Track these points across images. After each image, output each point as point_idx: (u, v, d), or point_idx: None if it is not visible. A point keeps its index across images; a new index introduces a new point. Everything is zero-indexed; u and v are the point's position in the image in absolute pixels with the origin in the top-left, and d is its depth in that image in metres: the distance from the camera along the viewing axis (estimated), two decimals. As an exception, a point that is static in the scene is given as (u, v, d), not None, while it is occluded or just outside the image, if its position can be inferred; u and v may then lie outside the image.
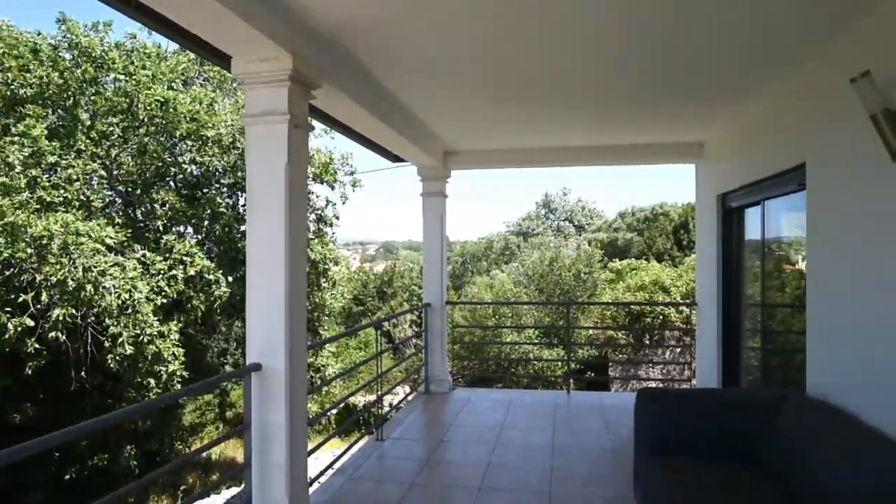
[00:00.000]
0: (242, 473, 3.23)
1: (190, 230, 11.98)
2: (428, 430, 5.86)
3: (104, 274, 8.99)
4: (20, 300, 8.79)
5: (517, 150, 7.05)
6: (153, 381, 9.75)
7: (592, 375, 12.94)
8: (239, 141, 11.34)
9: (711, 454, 3.35)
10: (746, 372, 5.66)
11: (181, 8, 2.58)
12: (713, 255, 6.10)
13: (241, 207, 12.08)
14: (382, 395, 5.72)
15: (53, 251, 8.75)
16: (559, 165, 7.50)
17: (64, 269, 8.67)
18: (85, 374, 10.14)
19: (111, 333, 9.37)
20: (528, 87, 4.43)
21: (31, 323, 8.83)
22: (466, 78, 4.25)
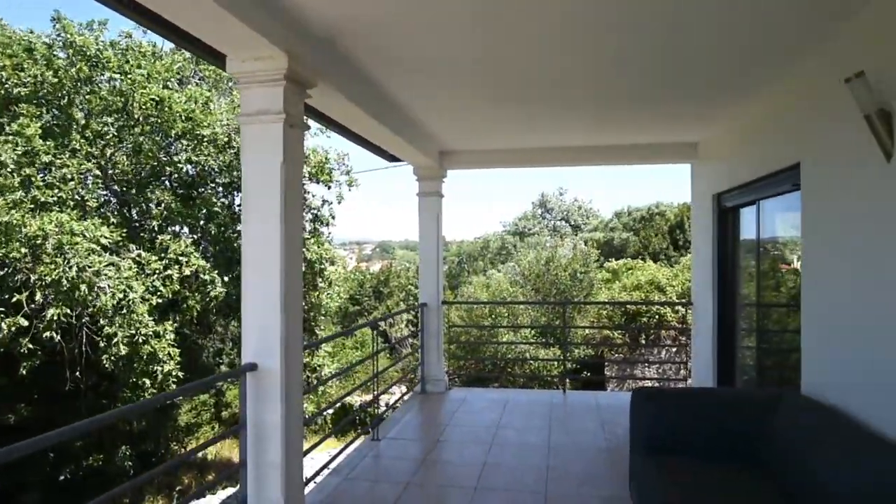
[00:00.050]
0: (238, 474, 3.23)
1: (185, 230, 11.95)
2: (424, 429, 5.86)
3: (99, 274, 8.96)
4: (14, 300, 8.76)
5: (513, 150, 7.05)
6: (148, 381, 9.75)
7: (588, 375, 12.94)
8: (234, 140, 11.32)
9: (707, 454, 3.36)
10: (742, 371, 5.68)
11: (176, 7, 2.57)
12: (709, 254, 6.11)
13: (236, 207, 12.06)
14: (378, 394, 5.71)
15: (48, 251, 8.71)
16: (556, 165, 7.51)
17: (58, 268, 8.64)
18: (80, 374, 10.12)
19: (106, 333, 9.36)
20: (526, 87, 4.43)
21: (25, 323, 8.81)
22: (464, 78, 4.24)
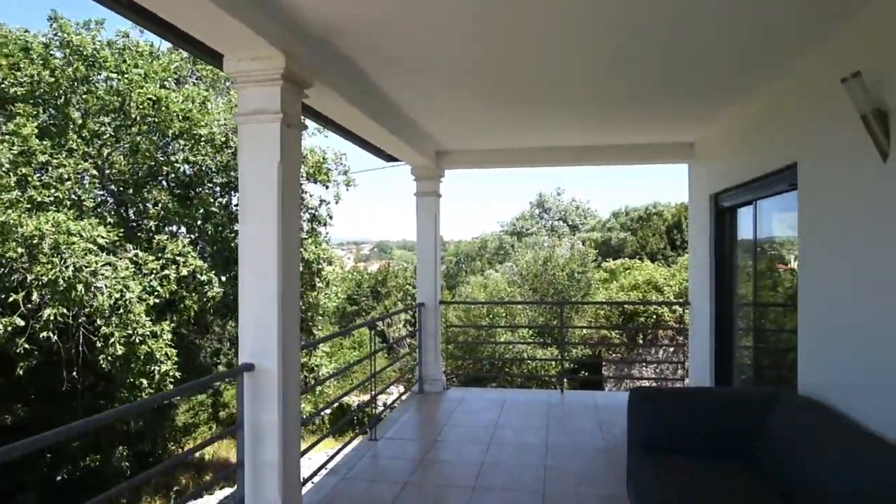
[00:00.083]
0: (235, 474, 3.23)
1: (183, 230, 11.92)
2: (422, 429, 5.86)
3: (96, 274, 8.94)
4: (11, 300, 8.74)
5: (511, 149, 7.05)
6: (145, 381, 9.72)
7: (586, 375, 12.95)
8: (232, 140, 11.29)
9: (704, 453, 3.36)
10: (739, 371, 5.69)
11: (174, 6, 2.56)
12: (706, 254, 6.12)
13: (234, 207, 12.03)
14: (376, 394, 5.71)
15: (44, 251, 8.69)
16: (553, 165, 7.51)
17: (55, 268, 8.61)
18: (76, 374, 10.09)
19: (103, 333, 9.33)
20: (525, 87, 4.42)
21: (21, 323, 8.78)
22: (464, 78, 4.23)
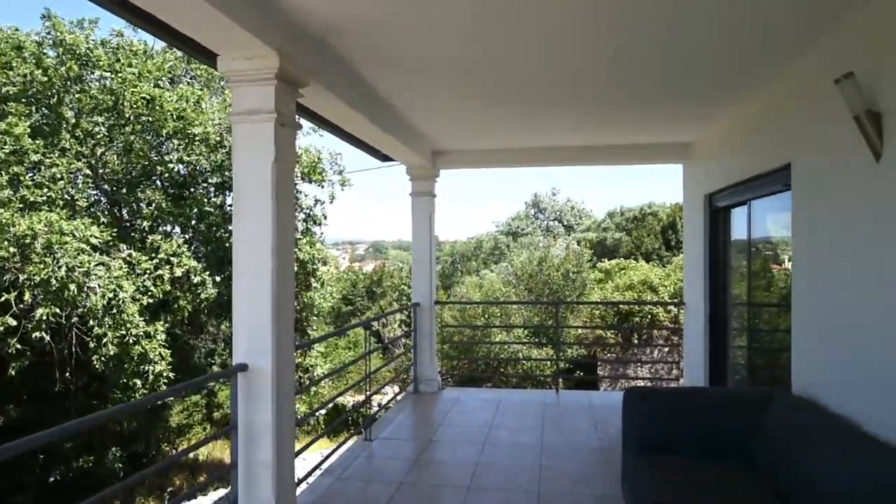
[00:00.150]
0: (229, 474, 3.21)
1: (177, 230, 11.88)
2: (417, 429, 5.85)
3: (88, 274, 8.88)
4: (3, 300, 8.67)
5: (507, 149, 7.05)
6: (139, 381, 9.68)
7: (581, 375, 12.98)
8: (226, 140, 11.26)
9: (699, 453, 3.37)
10: (733, 371, 5.71)
11: (167, 5, 2.55)
12: (700, 254, 6.14)
13: (228, 207, 11.98)
14: (371, 395, 5.70)
15: (37, 250, 8.63)
16: (549, 165, 7.52)
17: (47, 268, 8.56)
18: (69, 374, 10.04)
19: (96, 334, 9.28)
20: (525, 87, 4.41)
21: (13, 323, 8.72)
22: (464, 78, 4.21)
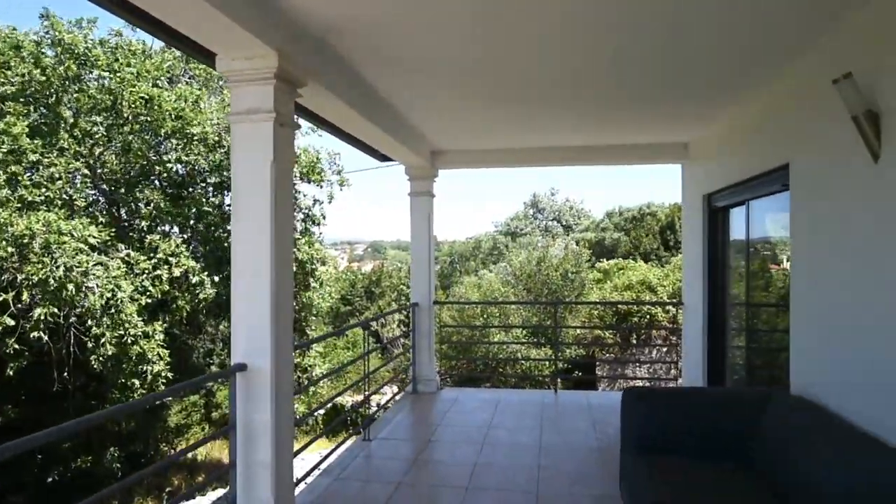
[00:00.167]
0: (228, 474, 3.21)
1: (175, 229, 11.86)
2: (415, 429, 5.85)
3: (87, 274, 8.87)
4: (0, 299, 8.65)
5: (506, 149, 7.05)
6: (137, 381, 9.66)
7: (580, 375, 12.97)
8: (225, 139, 11.24)
9: (697, 453, 3.37)
10: (732, 371, 5.71)
11: (167, 5, 2.54)
12: (699, 254, 6.14)
13: (226, 207, 11.97)
14: (370, 395, 5.70)
15: (35, 250, 8.61)
16: (548, 165, 7.52)
17: (45, 268, 8.54)
18: (68, 374, 10.02)
19: (94, 334, 9.26)
20: (525, 87, 4.41)
21: (11, 322, 8.70)
22: (464, 78, 4.21)
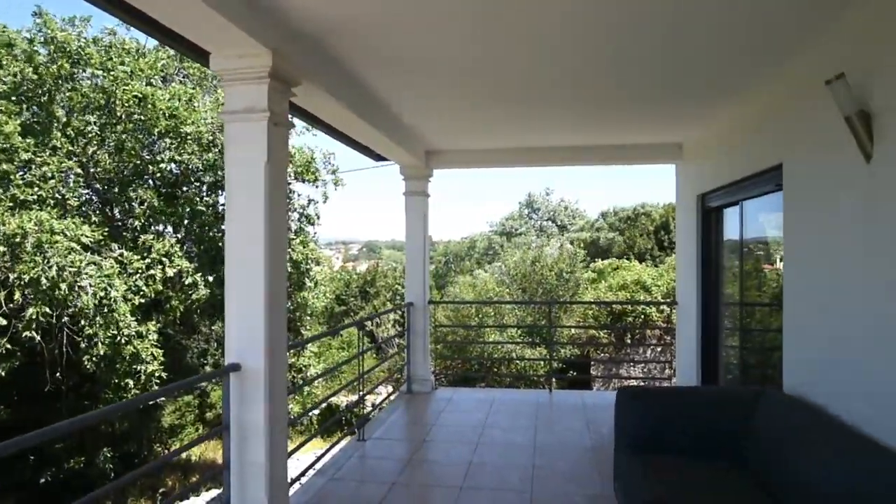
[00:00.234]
0: (222, 475, 3.19)
1: (169, 229, 11.81)
2: (410, 429, 5.85)
3: (79, 273, 8.82)
4: (-8, 299, 8.61)
5: (501, 149, 7.04)
6: (131, 381, 9.62)
7: (574, 374, 13.00)
8: (219, 139, 11.19)
9: (692, 452, 3.38)
10: (725, 370, 5.73)
11: (161, 4, 2.53)
12: (693, 254, 6.17)
13: (220, 206, 11.91)
14: (364, 394, 5.69)
15: (27, 249, 8.57)
16: (543, 165, 7.53)
17: (38, 267, 8.49)
18: (60, 374, 9.97)
19: (87, 333, 9.21)
20: (525, 87, 4.41)
21: (3, 322, 8.65)
22: (463, 78, 4.20)
